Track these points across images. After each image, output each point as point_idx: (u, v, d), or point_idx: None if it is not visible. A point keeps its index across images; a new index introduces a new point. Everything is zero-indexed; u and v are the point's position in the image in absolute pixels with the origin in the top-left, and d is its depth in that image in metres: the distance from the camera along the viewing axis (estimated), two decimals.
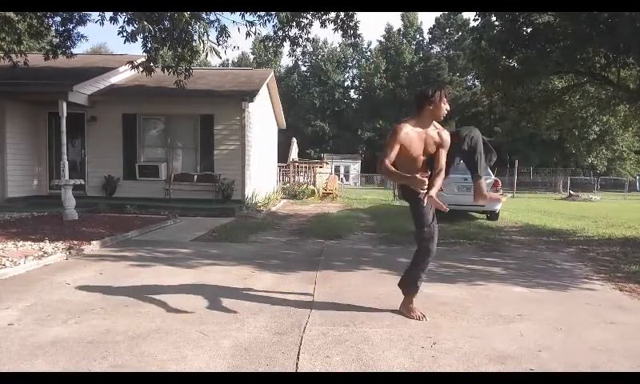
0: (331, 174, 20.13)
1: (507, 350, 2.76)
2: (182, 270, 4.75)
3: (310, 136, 50.67)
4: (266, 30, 44.46)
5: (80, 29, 9.82)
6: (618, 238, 7.98)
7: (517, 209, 14.06)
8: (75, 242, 5.83)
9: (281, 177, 20.37)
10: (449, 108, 3.12)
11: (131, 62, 8.43)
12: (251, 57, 57.21)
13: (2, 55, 8.40)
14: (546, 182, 37.26)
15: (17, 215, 8.67)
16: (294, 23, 8.59)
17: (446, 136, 3.16)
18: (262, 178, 14.28)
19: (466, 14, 48.74)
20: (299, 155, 23.40)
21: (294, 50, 9.31)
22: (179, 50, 8.20)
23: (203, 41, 6.93)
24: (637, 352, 2.79)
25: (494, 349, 2.78)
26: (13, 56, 8.53)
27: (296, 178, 19.95)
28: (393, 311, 3.45)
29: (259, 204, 12.69)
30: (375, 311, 3.46)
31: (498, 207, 10.27)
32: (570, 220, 11.19)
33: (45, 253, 5.24)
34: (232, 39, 8.99)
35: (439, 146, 3.15)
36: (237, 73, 15.73)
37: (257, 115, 12.99)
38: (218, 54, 7.46)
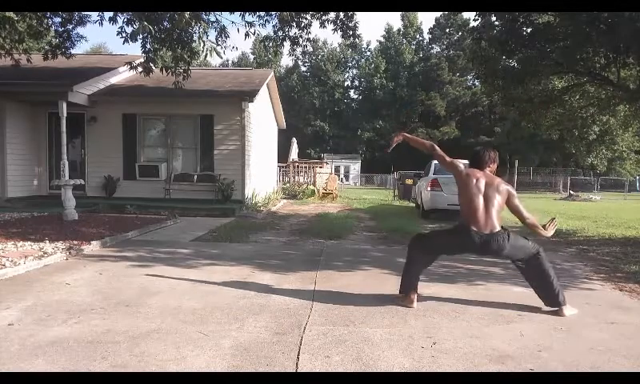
0: (331, 174, 20.12)
1: (507, 350, 2.76)
2: (181, 270, 4.75)
3: (309, 136, 50.70)
4: (266, 30, 44.47)
5: (79, 29, 9.85)
6: (618, 238, 7.98)
7: None
8: (75, 242, 5.83)
9: (281, 177, 20.37)
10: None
11: (130, 63, 8.43)
12: (251, 57, 57.24)
13: (3, 53, 8.39)
14: (545, 182, 37.29)
15: (17, 215, 8.67)
16: (294, 23, 8.59)
17: None
18: (261, 178, 14.28)
19: (466, 14, 48.76)
20: (299, 155, 23.40)
21: (294, 50, 9.32)
22: (178, 50, 8.21)
23: (203, 41, 6.94)
24: (637, 352, 2.79)
25: (494, 349, 2.78)
26: (15, 55, 8.52)
27: (296, 178, 19.95)
28: (393, 311, 3.45)
29: (259, 204, 12.69)
30: (375, 311, 3.46)
31: None
32: (569, 220, 11.19)
33: (45, 253, 5.24)
34: (231, 40, 9.02)
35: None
36: (237, 73, 15.73)
37: (257, 115, 12.99)
38: (218, 53, 7.46)
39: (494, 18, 9.60)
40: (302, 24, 8.76)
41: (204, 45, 6.86)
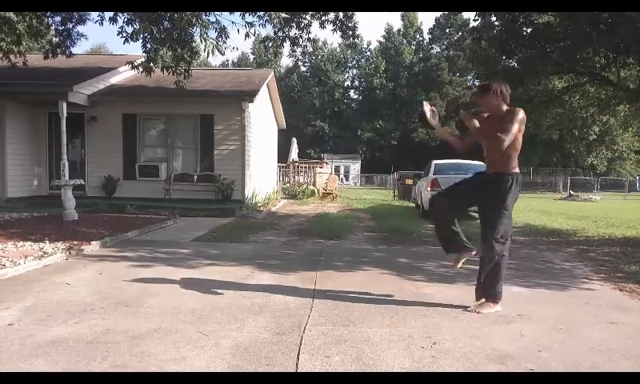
0: (331, 174, 20.13)
1: (507, 350, 2.76)
2: (181, 270, 4.75)
3: (310, 136, 50.70)
4: (266, 30, 44.50)
5: (80, 28, 9.83)
6: (618, 238, 7.97)
7: (517, 209, 13.96)
8: (75, 242, 5.83)
9: (281, 177, 20.37)
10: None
11: (131, 63, 8.44)
12: (251, 57, 57.25)
13: (1, 55, 8.39)
14: (546, 182, 37.34)
15: (17, 215, 8.66)
16: (294, 23, 8.59)
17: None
18: (261, 178, 14.28)
19: (466, 14, 48.69)
20: (299, 155, 23.41)
21: (294, 51, 9.32)
22: (178, 50, 8.20)
23: (204, 39, 6.94)
24: (637, 352, 2.78)
25: (494, 349, 2.77)
26: (12, 56, 8.52)
27: (296, 178, 19.96)
28: (392, 311, 3.45)
29: (259, 204, 12.69)
30: (375, 311, 3.46)
31: None
32: (569, 220, 11.18)
33: (45, 253, 5.23)
34: (231, 40, 9.05)
35: None
36: (237, 73, 15.73)
37: (257, 115, 12.99)
38: (220, 51, 7.43)
39: (493, 18, 9.61)
40: (302, 24, 8.76)
41: (205, 42, 6.86)
